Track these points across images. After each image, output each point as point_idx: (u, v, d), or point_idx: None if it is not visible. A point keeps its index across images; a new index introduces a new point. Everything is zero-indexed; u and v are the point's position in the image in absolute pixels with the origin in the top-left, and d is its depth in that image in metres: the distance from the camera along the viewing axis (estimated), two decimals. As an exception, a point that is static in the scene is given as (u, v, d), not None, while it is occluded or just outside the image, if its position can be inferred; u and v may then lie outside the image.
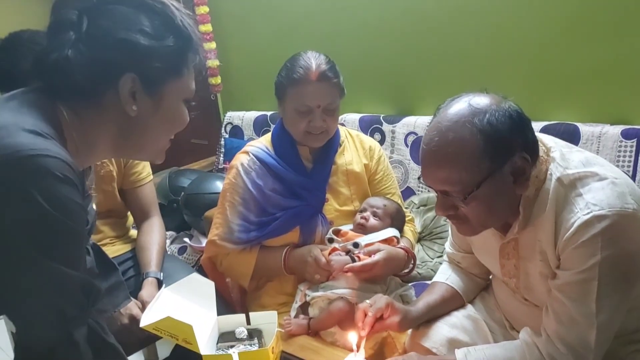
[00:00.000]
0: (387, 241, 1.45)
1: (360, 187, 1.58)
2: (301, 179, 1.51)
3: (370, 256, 1.38)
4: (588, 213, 0.93)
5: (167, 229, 2.44)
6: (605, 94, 1.79)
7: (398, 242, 1.49)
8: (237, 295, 1.70)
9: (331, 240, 1.46)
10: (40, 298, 0.73)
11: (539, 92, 1.93)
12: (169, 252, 2.27)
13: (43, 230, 0.70)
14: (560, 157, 1.02)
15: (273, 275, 1.55)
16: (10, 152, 0.68)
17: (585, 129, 1.74)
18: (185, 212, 2.38)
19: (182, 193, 2.40)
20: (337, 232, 1.49)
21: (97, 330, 0.81)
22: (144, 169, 1.72)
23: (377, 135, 2.31)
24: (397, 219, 1.52)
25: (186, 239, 2.36)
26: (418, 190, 2.19)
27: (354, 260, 1.37)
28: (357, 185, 1.58)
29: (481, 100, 0.98)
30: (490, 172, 0.96)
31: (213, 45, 3.05)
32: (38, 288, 0.72)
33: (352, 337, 1.13)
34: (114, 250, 1.68)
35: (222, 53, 3.11)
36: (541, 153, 1.02)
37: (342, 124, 2.42)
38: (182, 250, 2.35)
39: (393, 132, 2.27)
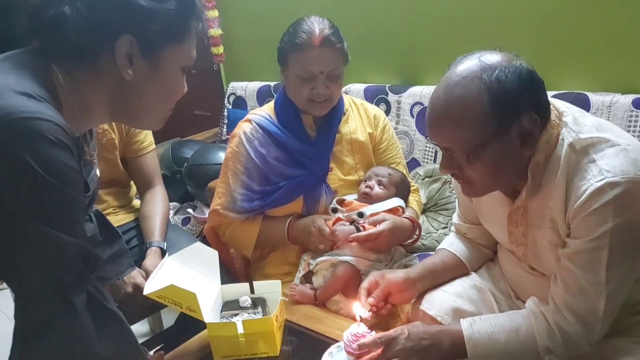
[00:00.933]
0: (392, 211, 1.44)
1: (365, 156, 1.56)
2: (305, 148, 1.49)
3: (375, 226, 1.37)
4: (601, 180, 0.91)
5: (170, 200, 2.43)
6: (616, 63, 1.75)
7: (403, 212, 1.48)
8: (240, 266, 1.70)
9: (335, 210, 1.45)
10: (37, 264, 0.73)
11: (548, 60, 1.88)
12: (172, 223, 2.27)
13: (37, 195, 0.69)
14: (573, 122, 0.99)
15: (276, 245, 1.55)
16: (1, 115, 0.66)
17: (595, 98, 1.70)
18: (188, 183, 2.36)
19: (185, 164, 2.38)
20: (341, 202, 1.48)
21: (97, 296, 0.80)
22: (146, 137, 1.70)
23: (383, 106, 2.27)
24: (402, 189, 1.51)
25: (189, 210, 2.35)
26: (423, 162, 2.17)
27: (358, 230, 1.36)
28: (362, 154, 1.56)
29: (492, 57, 0.96)
30: (496, 132, 0.94)
31: (215, 13, 2.98)
32: (34, 254, 0.72)
33: (356, 307, 1.12)
34: (118, 219, 1.67)
35: (224, 22, 3.04)
36: (553, 117, 0.99)
37: (347, 93, 2.38)
38: (185, 221, 2.34)
39: (399, 102, 2.23)
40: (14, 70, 0.74)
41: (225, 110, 2.96)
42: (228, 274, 1.59)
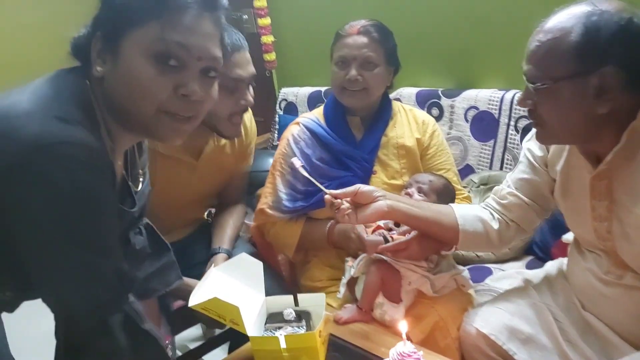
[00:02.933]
0: None
1: (411, 162, 1.54)
2: (347, 148, 1.51)
3: (405, 235, 1.33)
4: None
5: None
6: None
7: None
8: (287, 271, 1.71)
9: None
10: (73, 286, 0.74)
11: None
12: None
13: (70, 219, 0.70)
14: None
15: (318, 247, 1.55)
16: (33, 141, 0.68)
17: None
18: (240, 190, 2.38)
19: (238, 171, 2.40)
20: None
21: (133, 316, 0.81)
22: (250, 161, 1.71)
23: (435, 111, 2.21)
24: (443, 195, 1.45)
25: (242, 217, 2.37)
26: (478, 168, 2.08)
27: (387, 241, 1.32)
28: (408, 159, 1.54)
29: (604, 4, 0.93)
30: (574, 73, 0.93)
31: (268, 21, 3.02)
32: (70, 277, 0.73)
33: (402, 326, 1.08)
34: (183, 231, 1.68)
35: (276, 29, 3.07)
36: None
37: (398, 99, 2.33)
38: (238, 228, 2.37)
39: (452, 106, 2.16)
40: (53, 91, 0.76)
41: (277, 116, 2.98)
42: (275, 277, 1.59)
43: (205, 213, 1.79)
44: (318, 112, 1.62)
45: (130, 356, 0.79)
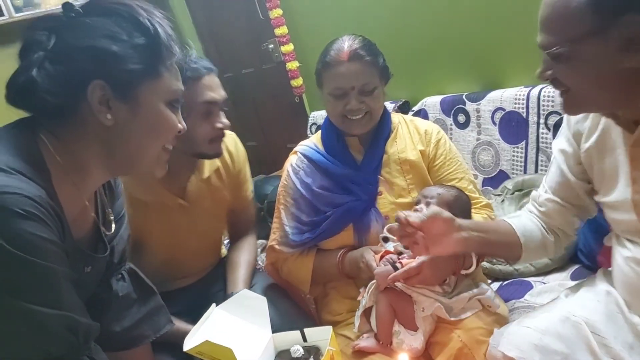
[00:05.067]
0: None
1: (418, 176, 1.44)
2: (348, 172, 1.43)
3: (415, 258, 1.22)
4: None
5: (258, 238, 2.46)
6: None
7: None
8: (313, 305, 1.63)
9: (386, 240, 1.33)
10: (20, 339, 0.72)
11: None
12: (259, 262, 2.27)
13: (8, 270, 0.69)
14: None
15: (332, 279, 1.47)
16: None
17: None
18: (269, 220, 2.36)
19: (265, 201, 2.39)
20: (392, 230, 1.35)
21: None
22: (249, 185, 1.68)
23: (461, 117, 2.08)
24: (456, 207, 1.33)
25: (273, 247, 2.35)
26: (512, 174, 1.93)
27: (396, 268, 1.22)
28: (414, 174, 1.44)
29: None
30: (592, 30, 0.85)
31: (291, 47, 3.02)
32: (16, 329, 0.72)
33: (402, 358, 0.99)
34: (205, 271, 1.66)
35: (300, 54, 3.06)
36: None
37: (423, 109, 2.23)
38: (271, 258, 2.34)
39: (477, 110, 2.02)
40: None
41: (308, 140, 2.95)
42: (302, 314, 1.53)
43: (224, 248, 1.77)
44: (316, 138, 1.56)
45: None
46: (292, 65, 3.05)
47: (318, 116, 2.93)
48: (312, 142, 1.54)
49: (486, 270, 1.70)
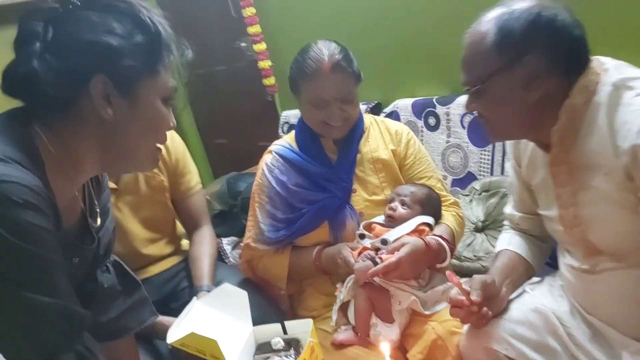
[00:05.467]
0: (417, 231, 1.34)
1: (390, 175, 1.50)
2: (324, 170, 1.47)
3: (394, 253, 1.27)
4: None
5: (228, 235, 2.46)
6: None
7: (431, 230, 1.38)
8: (286, 302, 1.66)
9: (362, 236, 1.38)
10: (17, 328, 0.73)
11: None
12: (230, 258, 2.29)
13: (6, 259, 0.69)
14: (615, 67, 0.99)
15: (309, 275, 1.50)
16: None
17: None
18: (242, 217, 2.37)
19: (239, 197, 2.40)
20: (368, 226, 1.42)
21: (87, 356, 0.79)
22: (193, 177, 1.71)
23: (432, 120, 2.16)
24: (428, 205, 1.40)
25: (246, 244, 2.36)
26: (480, 175, 2.01)
27: (376, 263, 1.27)
28: (386, 172, 1.50)
29: (517, 3, 0.99)
30: (499, 69, 0.98)
31: (263, 46, 3.03)
32: (12, 318, 0.72)
33: (384, 347, 1.04)
34: (167, 263, 1.68)
35: (274, 53, 3.08)
36: (594, 65, 1.00)
37: (395, 112, 2.30)
38: (243, 255, 2.35)
39: (447, 114, 2.10)
40: None
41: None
42: (277, 311, 1.56)
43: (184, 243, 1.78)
44: (290, 138, 1.58)
45: None
46: (265, 64, 3.06)
47: (290, 115, 2.96)
48: (286, 141, 1.57)
49: (455, 267, 1.77)
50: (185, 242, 1.81)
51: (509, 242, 1.30)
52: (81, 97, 0.79)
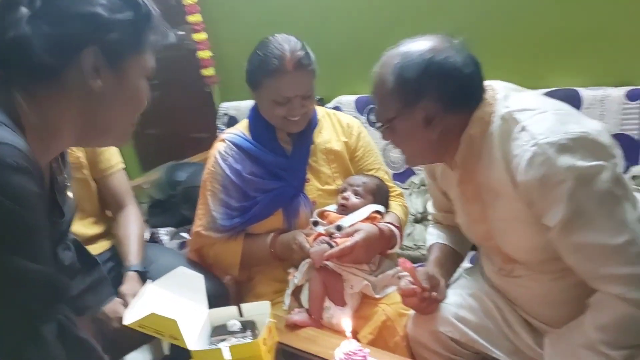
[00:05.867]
0: (370, 219, 1.40)
1: (342, 165, 1.55)
2: (280, 160, 1.49)
3: (348, 237, 1.33)
4: (535, 143, 0.95)
5: (166, 225, 2.40)
6: (606, 56, 1.71)
7: (382, 217, 1.44)
8: (232, 288, 1.66)
9: (316, 223, 1.43)
10: (3, 295, 0.70)
11: (536, 57, 1.85)
12: (164, 244, 2.23)
13: (1, 223, 0.67)
14: (504, 98, 1.07)
15: (261, 262, 1.52)
16: None
17: (586, 93, 1.66)
18: (182, 207, 2.33)
19: (179, 187, 2.35)
20: (322, 214, 1.46)
21: (68, 326, 0.77)
22: (112, 155, 1.65)
23: (373, 117, 2.23)
24: (379, 195, 1.48)
25: (184, 234, 2.31)
26: (418, 170, 2.12)
27: (332, 247, 1.32)
28: (338, 163, 1.55)
29: (415, 46, 1.07)
30: (400, 111, 1.07)
31: (204, 35, 2.98)
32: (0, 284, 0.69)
33: (345, 324, 1.08)
34: (96, 247, 1.61)
35: (214, 44, 3.04)
36: (488, 97, 1.08)
37: (338, 107, 2.36)
38: (181, 246, 2.30)
39: (389, 111, 2.19)
40: None
41: (219, 131, 2.95)
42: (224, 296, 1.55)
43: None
44: (243, 127, 1.58)
45: None
46: (205, 54, 3.01)
47: (230, 107, 2.94)
48: (240, 130, 1.56)
49: (398, 255, 1.85)
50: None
51: (437, 235, 1.39)
52: (69, 66, 0.78)
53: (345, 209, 1.44)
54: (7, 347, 0.72)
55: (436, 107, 1.04)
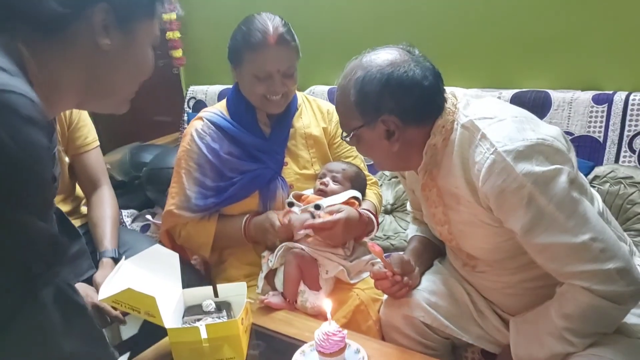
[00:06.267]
0: (347, 203, 1.41)
1: (320, 151, 1.56)
2: (259, 142, 1.48)
3: (332, 215, 1.34)
4: (494, 151, 0.98)
5: (128, 207, 2.34)
6: (575, 60, 1.77)
7: (360, 204, 1.46)
8: (202, 270, 1.64)
9: (291, 205, 1.42)
10: (3, 250, 0.65)
11: (508, 59, 1.90)
12: (129, 228, 2.17)
13: (7, 174, 0.62)
14: (464, 107, 1.09)
15: (234, 244, 1.50)
16: None
17: (556, 95, 1.72)
18: (147, 189, 2.27)
19: (145, 168, 2.29)
20: (298, 197, 1.46)
21: (66, 290, 0.73)
22: (89, 132, 1.60)
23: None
24: (357, 182, 1.49)
25: (148, 217, 2.26)
26: (389, 162, 2.14)
27: (314, 218, 1.33)
28: (317, 148, 1.56)
29: (375, 59, 1.07)
30: (362, 124, 1.09)
31: (173, 16, 2.89)
32: (2, 240, 0.64)
33: (326, 304, 1.08)
34: None
35: (183, 25, 2.97)
36: (449, 105, 1.10)
37: (311, 94, 2.35)
38: (144, 229, 2.24)
39: (363, 103, 2.20)
40: None
41: (186, 114, 2.88)
42: (198, 277, 1.53)
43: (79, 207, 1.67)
44: (221, 106, 1.55)
45: (63, 332, 0.71)
46: (174, 35, 2.93)
47: (197, 91, 2.87)
48: (218, 109, 1.53)
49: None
50: (84, 209, 1.68)
51: (417, 229, 1.43)
52: (79, 21, 0.75)
53: (323, 194, 1.44)
54: (3, 308, 0.68)
55: (396, 121, 1.06)
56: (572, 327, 1.00)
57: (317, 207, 1.36)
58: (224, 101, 1.57)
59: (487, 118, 1.05)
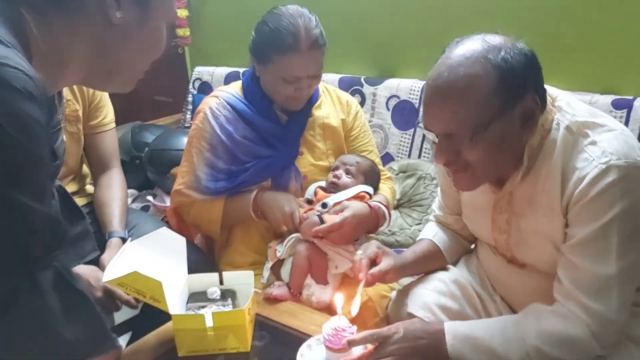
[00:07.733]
0: (357, 197, 1.38)
1: (337, 142, 1.51)
2: (275, 127, 1.43)
3: (337, 214, 1.30)
4: (605, 162, 0.89)
5: (129, 187, 2.28)
6: (595, 64, 1.75)
7: (370, 198, 1.42)
8: (203, 249, 1.60)
9: (310, 202, 1.38)
10: (3, 235, 0.62)
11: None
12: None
13: (5, 156, 0.59)
14: (567, 105, 0.99)
15: (240, 220, 1.44)
16: None
17: (577, 97, 1.69)
18: (149, 169, 2.22)
19: (147, 149, 2.24)
20: (314, 194, 1.42)
21: (65, 275, 0.70)
22: (108, 113, 1.56)
23: (357, 97, 2.21)
24: (370, 177, 1.45)
25: (149, 198, 2.21)
26: (397, 156, 2.11)
27: (322, 221, 1.29)
28: (333, 140, 1.51)
29: (495, 39, 0.93)
30: (500, 111, 0.90)
31: (182, -7, 2.85)
32: (2, 224, 0.61)
33: (337, 299, 1.05)
34: None
35: (191, 3, 2.91)
36: (547, 101, 0.98)
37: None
38: (144, 210, 2.20)
39: (374, 94, 2.17)
40: None
41: (190, 95, 2.83)
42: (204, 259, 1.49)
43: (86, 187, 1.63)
44: (237, 87, 1.49)
45: (61, 317, 0.69)
46: (182, 12, 2.87)
47: (204, 72, 2.83)
48: (235, 90, 1.48)
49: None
50: (89, 188, 1.63)
51: (435, 233, 1.32)
52: None
53: (335, 187, 1.40)
54: (1, 292, 0.66)
55: (536, 101, 0.92)
56: (543, 349, 0.95)
57: (324, 205, 1.33)
58: (239, 83, 1.51)
59: (597, 125, 0.94)
